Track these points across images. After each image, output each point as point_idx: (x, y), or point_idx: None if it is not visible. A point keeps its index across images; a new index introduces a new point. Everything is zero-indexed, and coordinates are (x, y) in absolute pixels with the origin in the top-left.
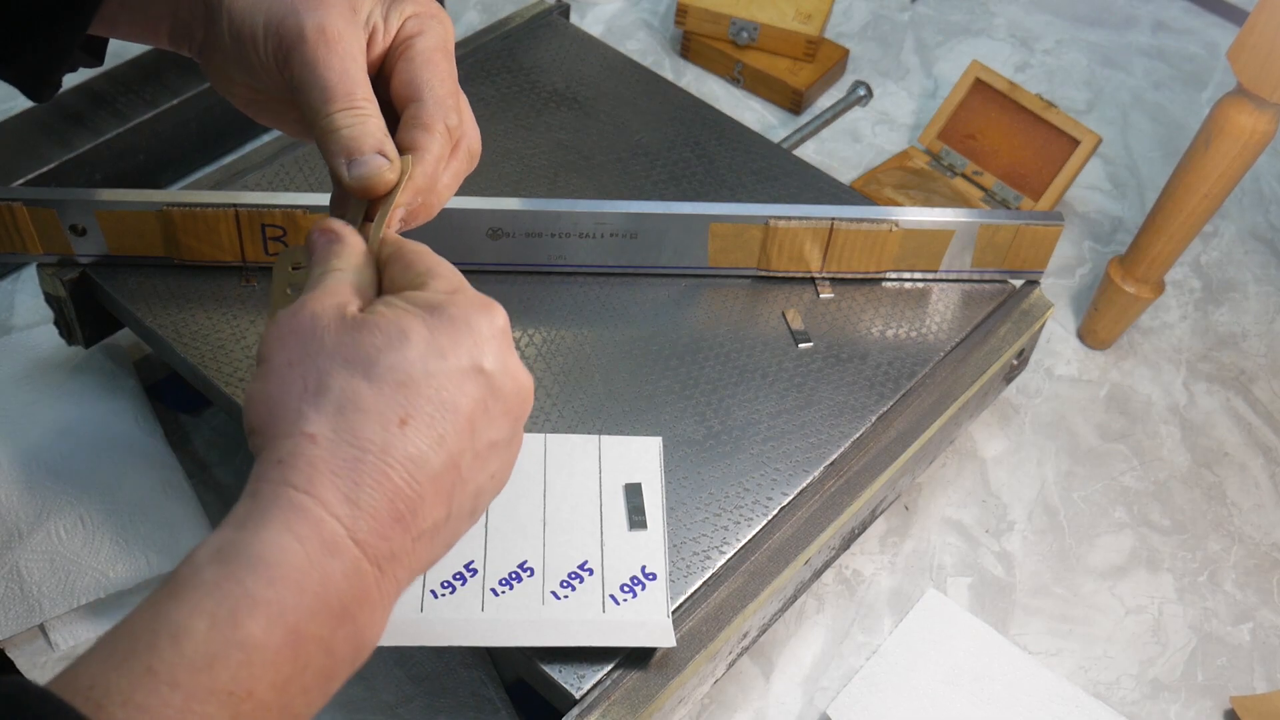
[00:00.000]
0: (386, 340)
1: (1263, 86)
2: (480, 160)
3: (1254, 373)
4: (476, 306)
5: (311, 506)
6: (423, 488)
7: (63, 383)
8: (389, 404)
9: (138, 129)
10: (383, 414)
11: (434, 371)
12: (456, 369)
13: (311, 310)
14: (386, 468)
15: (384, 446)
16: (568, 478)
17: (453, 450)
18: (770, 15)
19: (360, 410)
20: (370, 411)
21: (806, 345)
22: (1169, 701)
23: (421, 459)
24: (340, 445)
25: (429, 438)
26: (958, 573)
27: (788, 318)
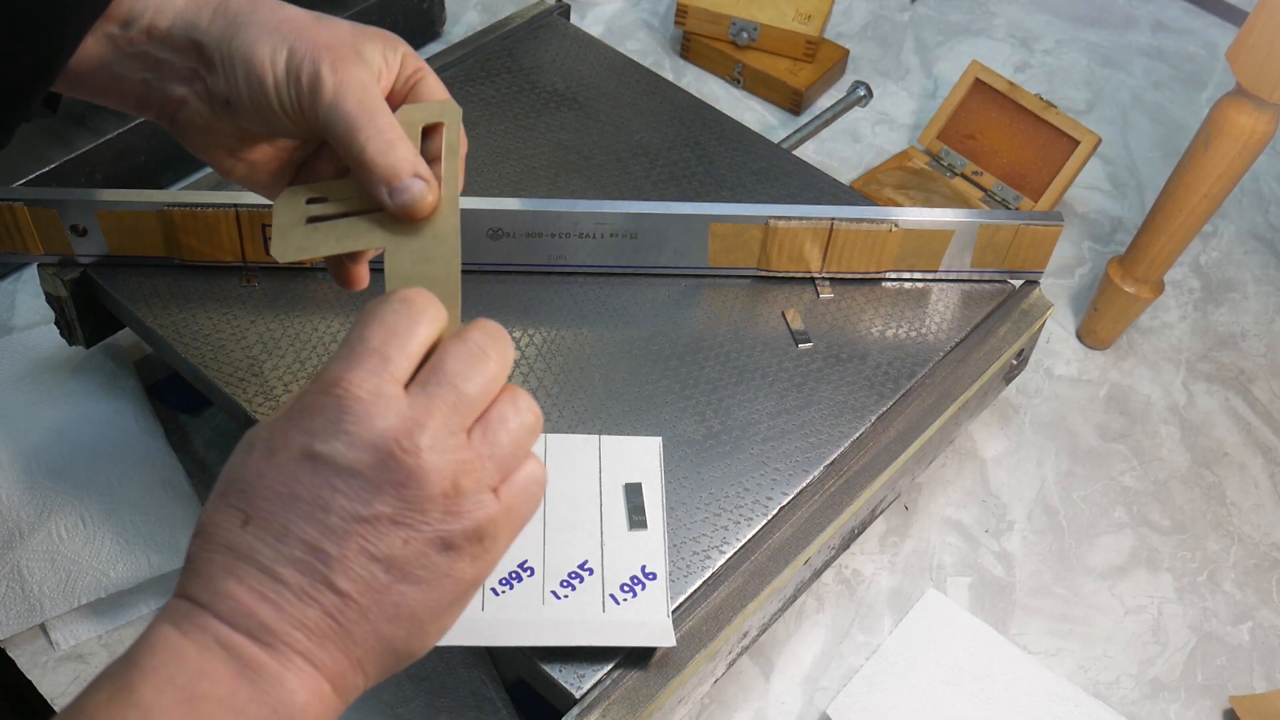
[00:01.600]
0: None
1: (1262, 87)
2: (480, 160)
3: (1253, 373)
4: (316, 399)
5: (188, 599)
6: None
7: (63, 383)
8: (230, 508)
9: (138, 129)
10: (228, 517)
11: (264, 471)
12: (284, 453)
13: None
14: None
15: (231, 543)
16: (568, 478)
17: (307, 534)
18: (770, 15)
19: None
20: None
21: (806, 345)
22: (1169, 701)
23: (263, 553)
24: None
25: (272, 531)
26: (958, 573)
27: (787, 318)
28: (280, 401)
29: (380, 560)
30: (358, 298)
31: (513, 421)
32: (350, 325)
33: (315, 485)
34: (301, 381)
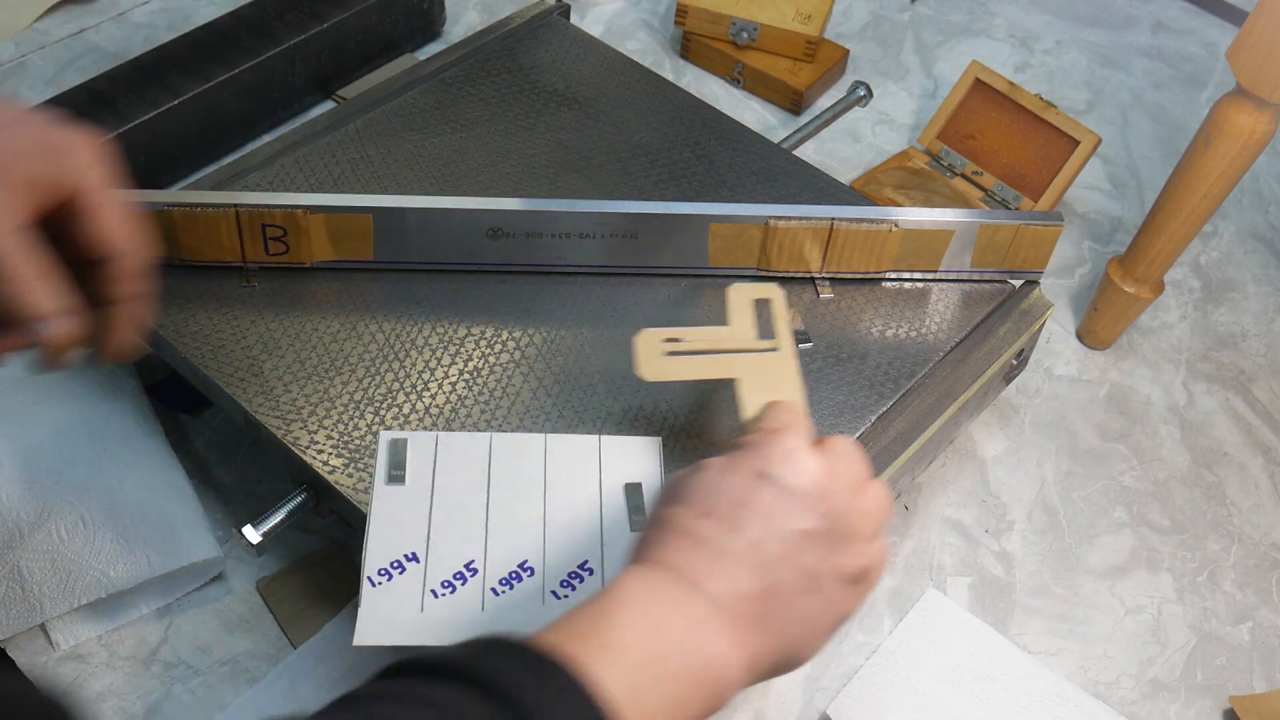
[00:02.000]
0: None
1: (1262, 87)
2: (480, 160)
3: (1253, 373)
4: (768, 439)
5: (652, 560)
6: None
7: (63, 383)
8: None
9: (138, 129)
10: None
11: (721, 482)
12: (739, 473)
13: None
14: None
15: (690, 530)
16: (568, 478)
17: (754, 532)
18: (770, 15)
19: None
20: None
21: (806, 345)
22: (1168, 701)
23: (716, 540)
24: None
25: (727, 525)
26: (957, 572)
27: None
28: (280, 401)
29: (801, 570)
30: (357, 298)
31: (883, 495)
32: (348, 325)
33: (765, 498)
34: (301, 381)
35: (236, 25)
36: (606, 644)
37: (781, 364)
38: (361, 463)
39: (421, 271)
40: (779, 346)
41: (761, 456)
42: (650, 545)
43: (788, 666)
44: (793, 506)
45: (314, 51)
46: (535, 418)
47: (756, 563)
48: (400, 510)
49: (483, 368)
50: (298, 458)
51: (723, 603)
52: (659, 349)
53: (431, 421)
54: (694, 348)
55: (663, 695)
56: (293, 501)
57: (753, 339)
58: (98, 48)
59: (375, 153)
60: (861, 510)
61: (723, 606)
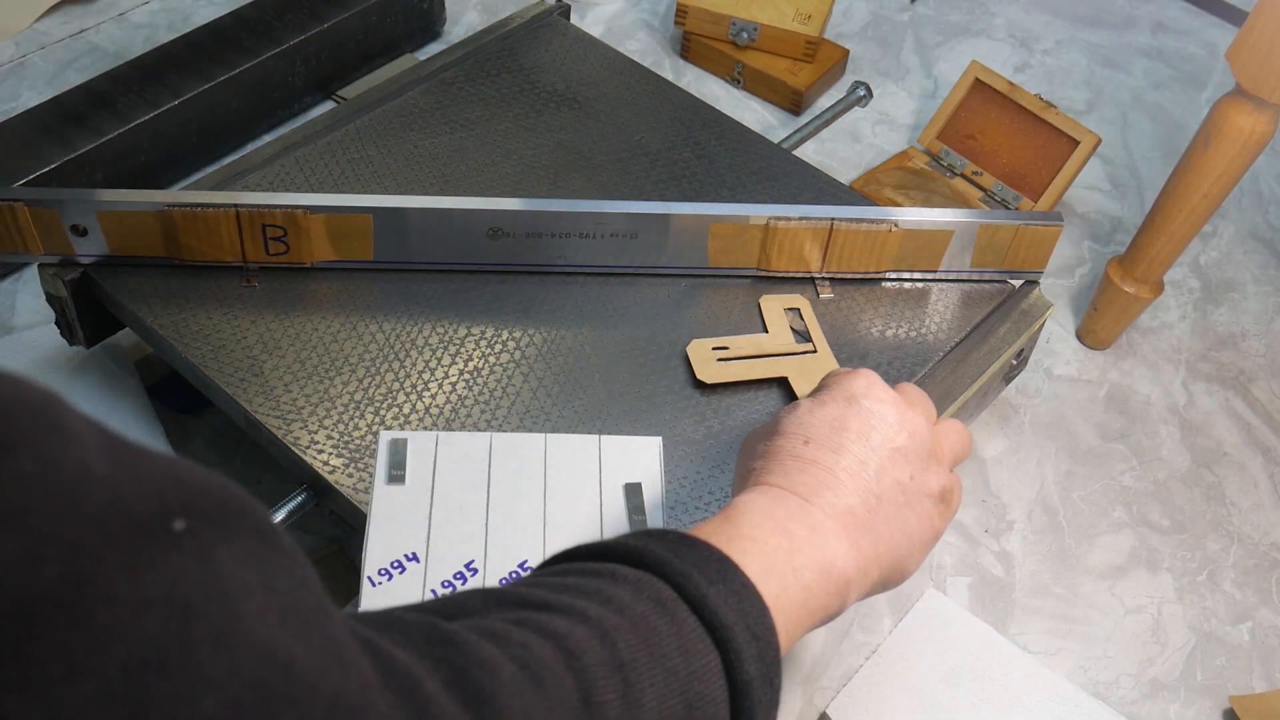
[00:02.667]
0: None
1: (1262, 87)
2: (480, 160)
3: (1253, 373)
4: (847, 375)
5: (764, 484)
6: (815, 451)
7: (64, 383)
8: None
9: (139, 129)
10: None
11: (816, 412)
12: (831, 402)
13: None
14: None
15: (796, 454)
16: (568, 478)
17: (856, 451)
18: (770, 16)
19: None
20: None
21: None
22: (1168, 701)
23: (824, 460)
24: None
25: (829, 447)
26: (957, 572)
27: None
28: (280, 401)
29: (899, 484)
30: (357, 298)
31: (960, 431)
32: (348, 325)
33: (859, 421)
34: (301, 381)
35: (236, 25)
36: (740, 537)
37: (822, 361)
38: (361, 463)
39: (421, 271)
40: (817, 348)
41: (846, 388)
42: (758, 473)
43: (895, 577)
44: (885, 426)
45: (314, 51)
46: (535, 418)
47: (860, 478)
48: (400, 510)
49: (483, 368)
50: (298, 458)
51: (835, 513)
52: (711, 356)
53: (431, 421)
54: (742, 353)
55: (796, 583)
56: (293, 501)
57: (791, 342)
58: (98, 48)
59: (375, 153)
60: (932, 438)
61: (835, 516)
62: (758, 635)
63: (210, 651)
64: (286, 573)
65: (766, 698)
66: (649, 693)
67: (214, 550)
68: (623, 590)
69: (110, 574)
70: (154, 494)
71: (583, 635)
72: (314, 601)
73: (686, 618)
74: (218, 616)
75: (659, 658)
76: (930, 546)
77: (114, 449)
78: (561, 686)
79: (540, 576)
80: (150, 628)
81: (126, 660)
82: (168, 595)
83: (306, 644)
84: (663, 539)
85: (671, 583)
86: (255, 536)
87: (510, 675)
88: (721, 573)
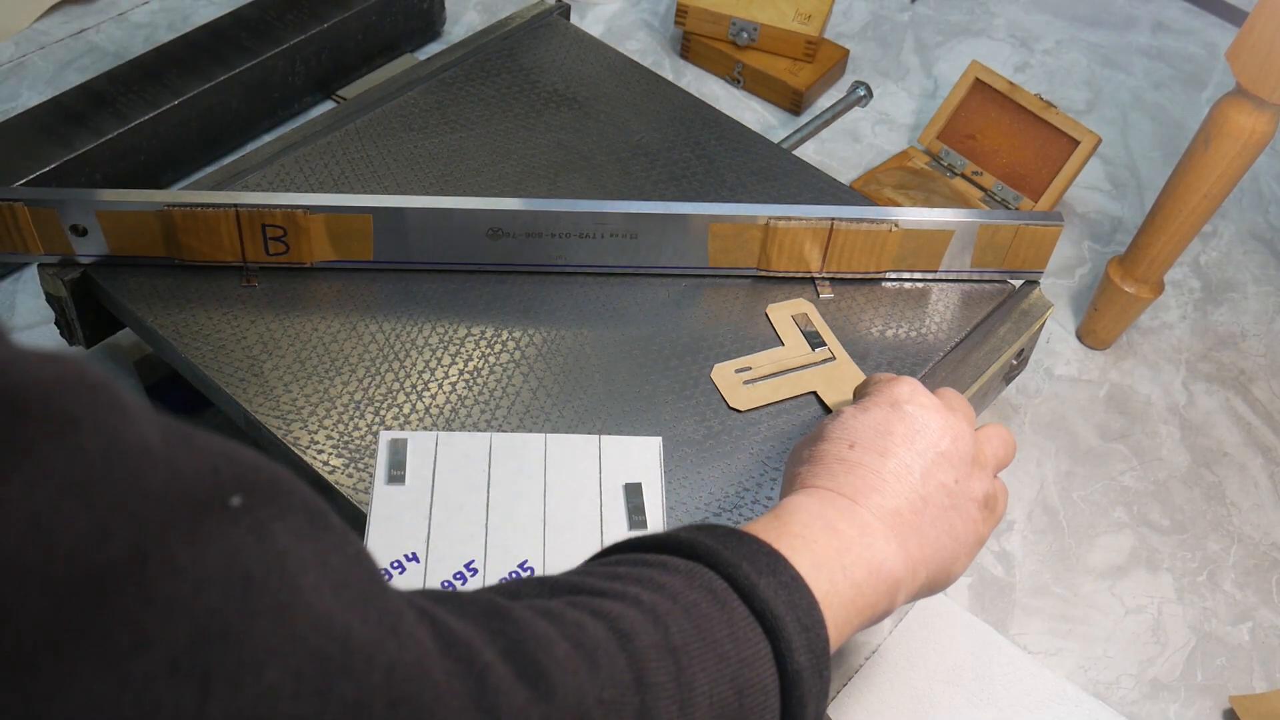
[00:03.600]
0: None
1: (1262, 87)
2: (480, 160)
3: (1253, 373)
4: (889, 382)
5: (811, 486)
6: (860, 454)
7: None
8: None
9: (139, 129)
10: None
11: (860, 418)
12: (875, 408)
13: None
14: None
15: (842, 458)
16: (568, 478)
17: (902, 455)
18: (770, 16)
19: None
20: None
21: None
22: (1168, 701)
23: (869, 464)
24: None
25: (874, 451)
26: None
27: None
28: (280, 401)
29: (944, 487)
30: (357, 298)
31: (1004, 436)
32: (348, 325)
33: (904, 425)
34: (301, 381)
35: (236, 25)
36: (790, 534)
37: (844, 367)
38: (361, 463)
39: (421, 271)
40: (835, 355)
41: (889, 394)
42: (804, 476)
43: (942, 579)
44: (929, 430)
45: (314, 51)
46: (535, 418)
47: (906, 481)
48: (400, 510)
49: (483, 368)
50: (298, 458)
51: (882, 514)
52: (737, 380)
53: (431, 421)
54: (765, 372)
55: (845, 580)
56: None
57: (809, 352)
58: (98, 48)
59: (375, 153)
60: (974, 445)
61: (882, 517)
62: (808, 627)
63: (271, 623)
64: (339, 549)
65: (817, 689)
66: (701, 677)
67: (270, 525)
68: (674, 579)
69: (173, 548)
70: (209, 470)
71: (635, 618)
72: (368, 575)
73: (737, 607)
74: (276, 589)
75: (711, 643)
76: (975, 551)
77: (168, 428)
78: (615, 665)
79: (592, 566)
80: (213, 600)
81: (192, 631)
82: (228, 568)
83: (363, 616)
84: (713, 533)
85: (722, 573)
86: (304, 514)
87: (565, 651)
88: (771, 565)
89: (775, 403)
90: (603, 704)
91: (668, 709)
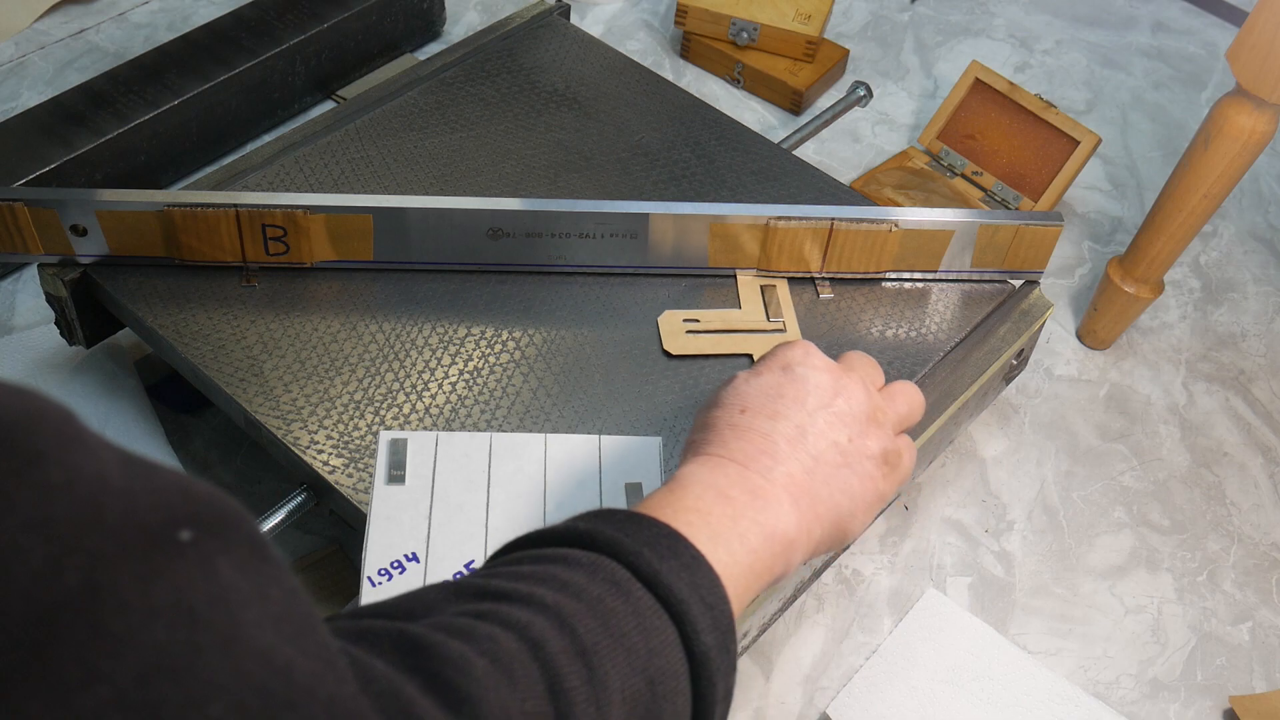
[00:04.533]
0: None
1: (1262, 86)
2: (480, 160)
3: (1253, 373)
4: (783, 346)
5: (704, 454)
6: (751, 419)
7: (64, 383)
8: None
9: (139, 129)
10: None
11: (752, 381)
12: (767, 372)
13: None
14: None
15: (733, 423)
16: (568, 478)
17: (792, 416)
18: (770, 16)
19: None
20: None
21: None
22: (1168, 701)
23: (760, 427)
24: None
25: (765, 414)
26: (957, 572)
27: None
28: (280, 401)
29: (836, 446)
30: (357, 298)
31: (909, 394)
32: (348, 325)
33: (794, 387)
34: (301, 381)
35: (236, 25)
36: (685, 508)
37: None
38: (361, 463)
39: (421, 271)
40: (786, 327)
41: (782, 358)
42: (698, 444)
43: (837, 536)
44: (820, 391)
45: (314, 51)
46: (535, 418)
47: (797, 442)
48: (400, 510)
49: (483, 368)
50: (298, 458)
51: (773, 477)
52: (680, 327)
53: (431, 421)
54: (710, 327)
55: (742, 548)
56: (293, 501)
57: (763, 320)
58: (98, 48)
59: (375, 153)
60: (872, 403)
61: (773, 480)
62: (711, 605)
63: (217, 658)
64: (277, 582)
65: (724, 664)
66: (613, 674)
67: (215, 560)
68: (577, 574)
69: (124, 582)
70: (163, 504)
71: (543, 625)
72: (304, 610)
73: (642, 596)
74: (221, 624)
75: (618, 638)
76: (875, 507)
77: (127, 461)
78: (530, 676)
79: (496, 565)
80: (160, 635)
81: (139, 666)
82: (175, 603)
83: (302, 650)
84: (611, 519)
85: (624, 562)
86: (249, 546)
87: (483, 669)
88: (671, 547)
89: (709, 355)
90: (526, 715)
91: (585, 711)
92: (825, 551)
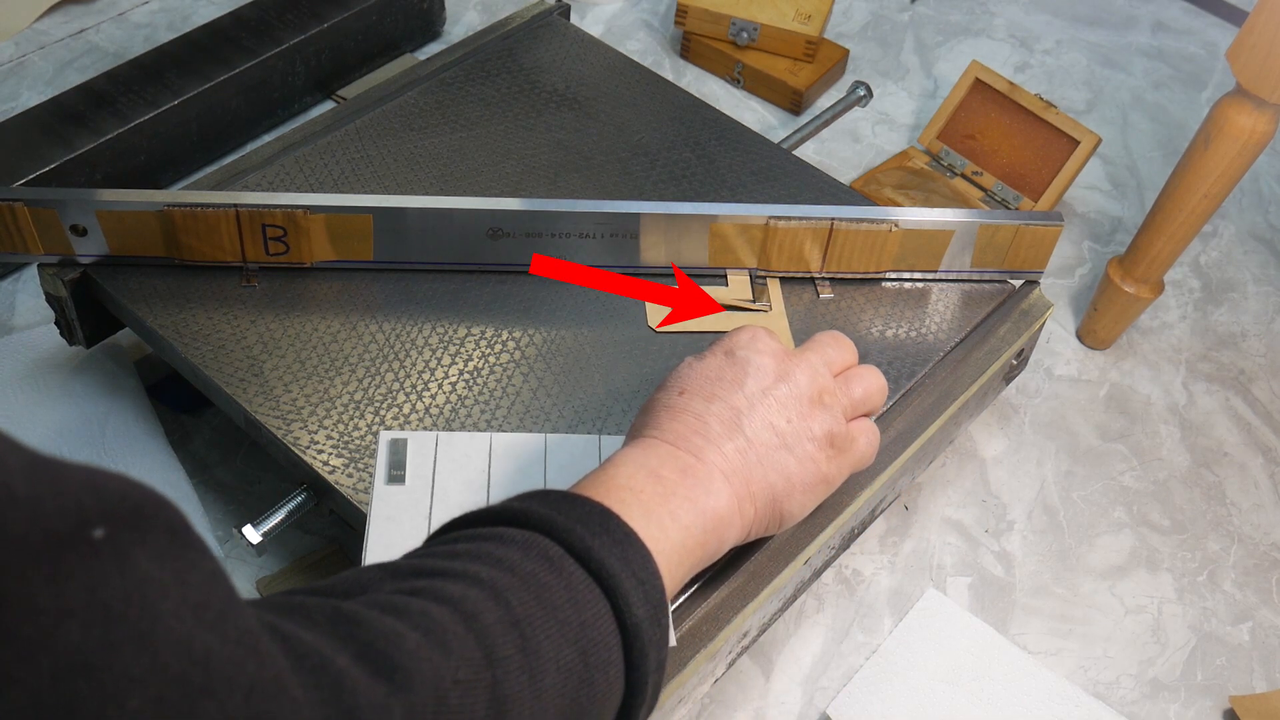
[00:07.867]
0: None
1: (1262, 86)
2: (480, 160)
3: (1253, 373)
4: (732, 331)
5: (641, 437)
6: (689, 400)
7: (63, 383)
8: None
9: (139, 129)
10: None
11: (694, 365)
12: (711, 356)
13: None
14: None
15: (670, 405)
16: (568, 478)
17: (729, 399)
18: (770, 15)
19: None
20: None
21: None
22: (1168, 701)
23: (695, 409)
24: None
25: (701, 396)
26: (957, 572)
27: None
28: (280, 401)
29: (772, 427)
30: (357, 298)
31: (867, 379)
32: (348, 325)
33: (734, 370)
34: (301, 381)
35: (236, 25)
36: (617, 487)
37: (775, 321)
38: (361, 463)
39: (421, 271)
40: (771, 307)
41: (728, 342)
42: (637, 428)
43: (775, 516)
44: (760, 374)
45: (314, 51)
46: (535, 418)
47: (732, 423)
48: (400, 510)
49: (483, 368)
50: (298, 458)
51: (705, 456)
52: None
53: (431, 421)
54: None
55: (674, 525)
56: (293, 501)
57: (749, 299)
58: (98, 48)
59: (375, 153)
60: (822, 385)
61: (705, 459)
62: (643, 580)
63: (133, 652)
64: (197, 567)
65: (656, 637)
66: (546, 644)
67: (130, 553)
68: (511, 551)
69: (34, 588)
70: (73, 506)
71: (478, 597)
72: (224, 593)
73: (574, 571)
74: (137, 618)
75: (551, 611)
76: (816, 489)
77: (34, 466)
78: (465, 646)
79: (431, 546)
80: (74, 635)
81: (53, 667)
82: (89, 602)
83: (221, 636)
84: (545, 499)
85: (557, 539)
86: (167, 534)
87: (415, 642)
88: (603, 524)
89: (690, 332)
90: (459, 684)
91: (518, 679)
92: (765, 532)
